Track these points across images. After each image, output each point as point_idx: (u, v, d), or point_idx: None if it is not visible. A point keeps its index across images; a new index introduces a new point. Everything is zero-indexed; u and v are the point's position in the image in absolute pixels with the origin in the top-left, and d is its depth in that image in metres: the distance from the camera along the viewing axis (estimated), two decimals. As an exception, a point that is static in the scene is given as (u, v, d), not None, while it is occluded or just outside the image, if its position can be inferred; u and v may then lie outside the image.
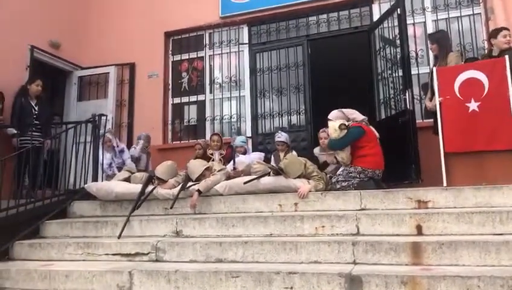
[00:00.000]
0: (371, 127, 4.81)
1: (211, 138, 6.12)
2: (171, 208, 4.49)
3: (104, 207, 4.95)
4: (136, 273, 3.44)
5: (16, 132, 5.58)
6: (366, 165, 4.51)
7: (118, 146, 6.12)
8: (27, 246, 4.29)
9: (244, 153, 5.90)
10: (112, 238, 4.22)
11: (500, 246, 2.98)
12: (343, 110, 4.94)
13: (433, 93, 4.60)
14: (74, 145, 5.23)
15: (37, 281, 3.68)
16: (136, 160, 6.20)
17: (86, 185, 5.08)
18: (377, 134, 4.78)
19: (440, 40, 5.05)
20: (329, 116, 4.91)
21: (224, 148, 6.09)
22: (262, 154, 5.90)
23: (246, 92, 6.97)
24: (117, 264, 3.78)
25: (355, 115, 4.89)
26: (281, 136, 5.66)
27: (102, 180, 5.40)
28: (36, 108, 5.98)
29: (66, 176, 5.26)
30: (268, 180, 4.50)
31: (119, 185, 4.89)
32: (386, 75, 5.97)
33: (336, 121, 4.74)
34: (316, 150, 5.60)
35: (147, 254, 3.88)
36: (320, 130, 5.47)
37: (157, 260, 3.82)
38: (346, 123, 4.66)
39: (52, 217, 4.81)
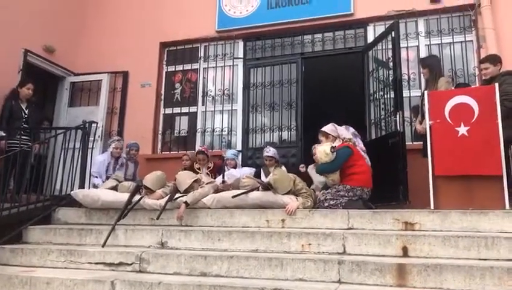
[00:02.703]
0: (357, 147, 4.82)
1: (196, 155, 6.08)
2: (157, 218, 4.44)
3: (90, 215, 4.89)
4: (118, 284, 3.38)
5: (4, 134, 5.51)
6: (355, 183, 4.52)
7: (121, 157, 6.05)
8: (8, 251, 4.20)
9: (235, 166, 5.89)
10: (96, 247, 4.16)
11: (485, 271, 2.99)
12: (336, 125, 4.96)
13: (423, 117, 4.66)
14: (63, 151, 5.17)
15: (18, 287, 3.59)
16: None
17: (72, 192, 5.00)
18: (364, 148, 4.78)
19: (431, 65, 5.14)
20: (325, 129, 4.90)
21: (211, 162, 6.07)
22: (254, 169, 5.88)
23: (238, 106, 6.99)
24: (100, 273, 3.70)
25: (344, 132, 4.92)
26: (269, 151, 5.66)
27: (89, 188, 5.34)
28: (26, 111, 5.91)
29: (52, 181, 5.20)
30: (256, 195, 4.48)
31: (106, 193, 4.84)
32: (377, 96, 6.04)
33: (325, 142, 4.75)
34: (310, 168, 5.53)
35: (131, 264, 3.81)
36: (313, 147, 5.48)
37: (140, 271, 3.76)
38: (334, 144, 4.65)
39: (36, 223, 4.73)
